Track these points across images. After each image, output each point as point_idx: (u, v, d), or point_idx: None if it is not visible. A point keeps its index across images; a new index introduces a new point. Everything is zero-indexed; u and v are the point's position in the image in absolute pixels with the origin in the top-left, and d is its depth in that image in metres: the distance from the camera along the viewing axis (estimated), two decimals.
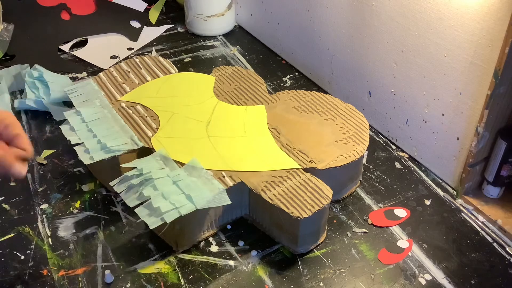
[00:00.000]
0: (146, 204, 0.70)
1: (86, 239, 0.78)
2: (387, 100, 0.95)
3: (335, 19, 1.00)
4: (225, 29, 1.30)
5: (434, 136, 0.88)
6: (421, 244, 0.78)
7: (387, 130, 0.98)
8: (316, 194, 0.73)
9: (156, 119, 0.86)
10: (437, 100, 0.85)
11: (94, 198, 0.84)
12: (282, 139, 0.83)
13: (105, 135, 0.81)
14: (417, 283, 0.72)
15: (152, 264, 0.74)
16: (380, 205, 0.84)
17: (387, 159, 0.94)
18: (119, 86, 0.94)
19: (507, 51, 0.70)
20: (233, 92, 0.93)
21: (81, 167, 0.90)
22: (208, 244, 0.78)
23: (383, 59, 0.92)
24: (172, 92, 0.93)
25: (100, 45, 1.24)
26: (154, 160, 0.76)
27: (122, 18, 1.33)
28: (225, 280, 0.72)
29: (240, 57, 1.21)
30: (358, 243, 0.78)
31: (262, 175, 0.76)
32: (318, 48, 1.08)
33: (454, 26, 0.77)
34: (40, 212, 0.82)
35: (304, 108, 0.89)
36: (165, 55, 1.21)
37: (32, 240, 0.77)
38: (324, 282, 0.72)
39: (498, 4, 0.70)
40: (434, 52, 0.82)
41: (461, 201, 0.85)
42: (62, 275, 0.73)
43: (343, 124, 0.86)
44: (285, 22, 1.16)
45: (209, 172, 0.76)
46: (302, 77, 1.15)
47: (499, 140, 0.80)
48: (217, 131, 0.84)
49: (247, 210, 0.80)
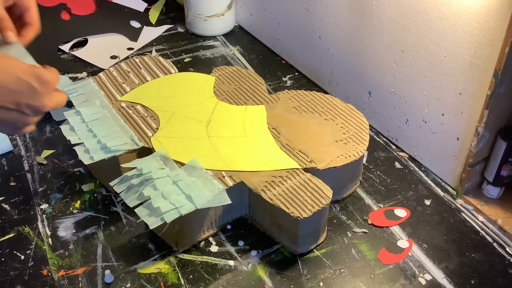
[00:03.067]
0: (146, 204, 0.70)
1: (86, 239, 0.78)
2: (387, 100, 0.95)
3: (335, 19, 1.00)
4: (225, 29, 1.30)
5: (434, 136, 0.88)
6: (421, 244, 0.78)
7: (387, 130, 0.98)
8: (316, 194, 0.73)
9: (156, 119, 0.86)
10: (437, 100, 0.85)
11: (94, 198, 0.84)
12: (282, 139, 0.83)
13: (105, 135, 0.81)
14: (417, 283, 0.72)
15: (152, 264, 0.74)
16: (380, 205, 0.84)
17: (387, 159, 0.94)
18: (119, 86, 0.94)
19: (507, 51, 0.70)
20: (233, 92, 0.93)
21: (81, 167, 0.90)
22: (208, 244, 0.78)
23: (383, 59, 0.92)
24: (172, 92, 0.93)
25: (100, 45, 1.24)
26: (154, 160, 0.76)
27: (122, 18, 1.33)
28: (225, 280, 0.72)
29: (240, 57, 1.21)
30: (358, 243, 0.78)
31: (262, 175, 0.76)
32: (318, 48, 1.08)
33: (454, 26, 0.77)
34: (40, 212, 0.82)
35: (304, 108, 0.89)
36: (165, 55, 1.21)
37: (32, 240, 0.77)
38: (324, 282, 0.72)
39: (498, 4, 0.70)
40: (434, 52, 0.82)
41: (461, 201, 0.85)
42: (62, 275, 0.73)
43: (343, 124, 0.86)
44: (285, 22, 1.16)
45: (209, 172, 0.76)
46: (302, 77, 1.15)
47: (499, 140, 0.80)
48: (217, 131, 0.84)
49: (247, 210, 0.80)
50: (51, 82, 0.56)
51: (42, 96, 0.56)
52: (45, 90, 0.56)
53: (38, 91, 0.55)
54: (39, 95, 0.55)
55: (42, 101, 0.56)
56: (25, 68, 0.55)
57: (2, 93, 0.53)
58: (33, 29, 0.66)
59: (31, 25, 0.66)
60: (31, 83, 0.54)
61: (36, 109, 0.56)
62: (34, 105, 0.55)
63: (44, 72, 0.56)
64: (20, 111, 0.55)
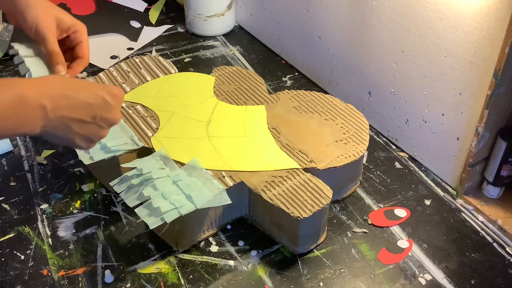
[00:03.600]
0: (146, 204, 0.70)
1: (86, 239, 0.78)
2: (387, 100, 0.95)
3: (335, 19, 1.00)
4: (225, 29, 1.30)
5: (434, 136, 0.88)
6: (421, 244, 0.78)
7: (387, 130, 0.98)
8: (316, 194, 0.73)
9: (156, 119, 0.86)
10: (437, 100, 0.85)
11: (94, 198, 0.84)
12: (282, 139, 0.83)
13: None
14: (417, 283, 0.72)
15: (152, 264, 0.74)
16: (380, 205, 0.84)
17: (387, 159, 0.94)
18: (119, 86, 0.94)
19: (507, 51, 0.70)
20: (233, 92, 0.93)
21: (81, 167, 0.90)
22: (208, 244, 0.78)
23: (383, 59, 0.92)
24: (172, 92, 0.93)
25: (100, 45, 1.24)
26: (154, 160, 0.76)
27: (122, 18, 1.33)
28: (225, 280, 0.72)
29: (240, 57, 1.21)
30: (358, 243, 0.78)
31: (262, 175, 0.76)
32: (318, 48, 1.08)
33: (454, 26, 0.77)
34: (40, 212, 0.82)
35: (304, 108, 0.89)
36: (165, 55, 1.21)
37: (32, 240, 0.77)
38: (324, 282, 0.72)
39: (498, 4, 0.70)
40: (434, 52, 0.82)
41: (461, 201, 0.85)
42: (62, 275, 0.73)
43: (343, 124, 0.86)
44: (285, 22, 1.16)
45: (209, 172, 0.76)
46: (302, 77, 1.15)
47: (499, 140, 0.80)
48: (217, 131, 0.84)
49: (247, 210, 0.80)
50: (120, 96, 0.62)
51: (114, 109, 0.61)
52: (116, 103, 0.61)
53: (110, 104, 0.60)
54: (111, 107, 0.60)
55: (114, 114, 0.61)
56: (97, 84, 0.61)
57: (82, 107, 0.57)
58: (84, 62, 0.73)
59: (82, 58, 0.73)
60: (105, 97, 0.59)
61: (109, 121, 0.61)
62: (108, 117, 0.60)
63: (112, 87, 0.61)
64: (96, 123, 0.60)
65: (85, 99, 0.57)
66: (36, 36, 0.69)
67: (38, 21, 0.69)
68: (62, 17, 0.71)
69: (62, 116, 0.56)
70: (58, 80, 0.59)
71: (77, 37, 0.72)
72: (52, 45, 0.69)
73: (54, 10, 0.71)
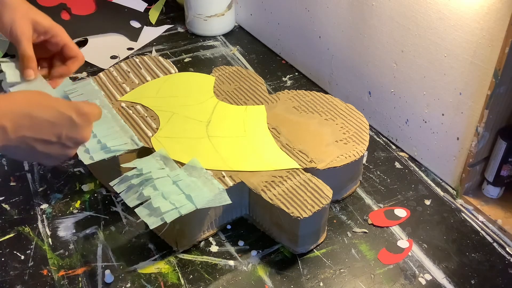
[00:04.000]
0: (146, 204, 0.70)
1: (86, 239, 0.78)
2: (387, 100, 0.95)
3: (335, 19, 1.00)
4: (225, 29, 1.30)
5: (434, 136, 0.88)
6: (421, 244, 0.78)
7: (387, 130, 0.98)
8: (316, 194, 0.73)
9: (156, 119, 0.86)
10: (437, 100, 0.85)
11: (94, 198, 0.84)
12: (282, 139, 0.83)
13: (105, 135, 0.81)
14: (417, 283, 0.72)
15: (152, 264, 0.74)
16: (380, 205, 0.84)
17: (387, 159, 0.94)
18: (119, 86, 0.94)
19: (507, 51, 0.70)
20: (233, 92, 0.93)
21: (81, 167, 0.90)
22: (208, 244, 0.78)
23: (383, 59, 0.92)
24: (172, 92, 0.93)
25: (100, 45, 1.24)
26: (154, 160, 0.76)
27: (122, 18, 1.32)
28: (225, 280, 0.72)
29: (240, 57, 1.21)
30: (358, 243, 0.78)
31: (262, 175, 0.76)
32: (318, 48, 1.08)
33: (454, 26, 0.77)
34: (40, 212, 0.82)
35: (304, 108, 0.89)
36: (165, 55, 1.21)
37: (32, 240, 0.77)
38: (324, 282, 0.72)
39: (498, 4, 0.70)
40: (434, 52, 0.82)
41: (461, 201, 0.85)
42: (62, 275, 0.73)
43: (343, 124, 0.86)
44: (285, 22, 1.16)
45: (209, 172, 0.76)
46: (302, 77, 1.15)
47: (499, 140, 0.80)
48: (217, 131, 0.84)
49: (247, 210, 0.80)
50: (90, 115, 0.59)
51: (82, 128, 0.58)
52: (84, 122, 0.58)
53: (76, 123, 0.57)
54: (78, 127, 0.58)
55: (82, 133, 0.59)
56: (65, 102, 0.58)
57: (44, 126, 0.55)
58: (78, 60, 0.73)
59: (76, 57, 0.73)
60: (71, 116, 0.57)
61: (76, 141, 0.59)
62: (74, 137, 0.58)
63: (83, 105, 0.59)
64: (61, 143, 0.57)
65: (49, 118, 0.55)
66: (11, 38, 0.68)
67: (13, 24, 0.67)
68: (39, 20, 0.69)
69: (24, 136, 0.54)
70: (23, 98, 0.56)
71: (58, 41, 0.71)
72: (24, 49, 0.68)
73: (30, 13, 0.69)
